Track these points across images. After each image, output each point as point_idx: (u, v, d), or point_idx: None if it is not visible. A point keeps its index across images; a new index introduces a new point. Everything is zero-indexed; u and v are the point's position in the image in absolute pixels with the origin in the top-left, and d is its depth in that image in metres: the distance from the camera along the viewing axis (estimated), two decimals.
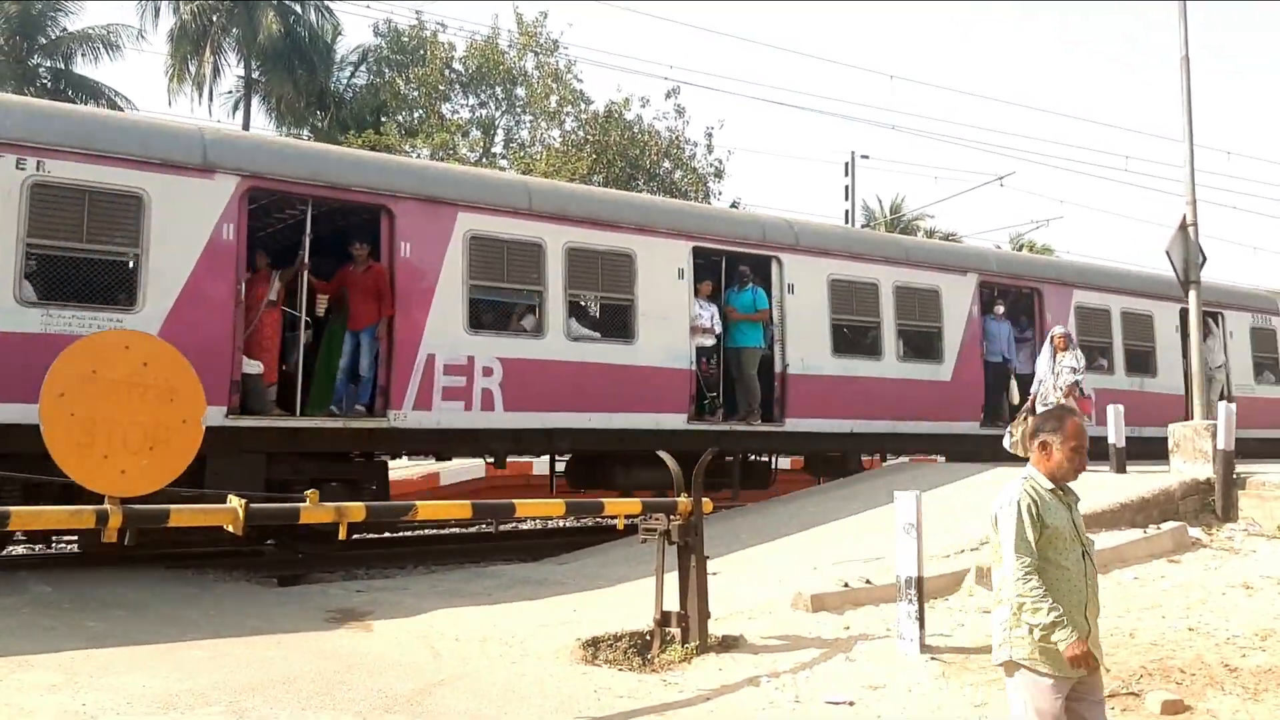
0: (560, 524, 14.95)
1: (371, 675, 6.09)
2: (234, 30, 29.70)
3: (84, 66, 29.57)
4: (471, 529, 14.93)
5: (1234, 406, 10.84)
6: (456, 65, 26.96)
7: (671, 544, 6.55)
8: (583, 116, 26.17)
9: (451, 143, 25.52)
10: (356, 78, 31.50)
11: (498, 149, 27.36)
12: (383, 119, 26.81)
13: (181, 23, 29.56)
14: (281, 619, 7.66)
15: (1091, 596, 3.83)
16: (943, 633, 6.67)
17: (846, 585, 7.68)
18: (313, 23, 30.88)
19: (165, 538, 9.15)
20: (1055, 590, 3.72)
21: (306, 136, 28.80)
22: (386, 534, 14.11)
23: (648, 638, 6.62)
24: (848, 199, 28.08)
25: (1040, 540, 3.77)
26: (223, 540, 8.34)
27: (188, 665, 6.16)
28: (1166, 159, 49.40)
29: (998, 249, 22.96)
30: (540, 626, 7.29)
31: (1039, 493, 3.85)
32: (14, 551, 11.07)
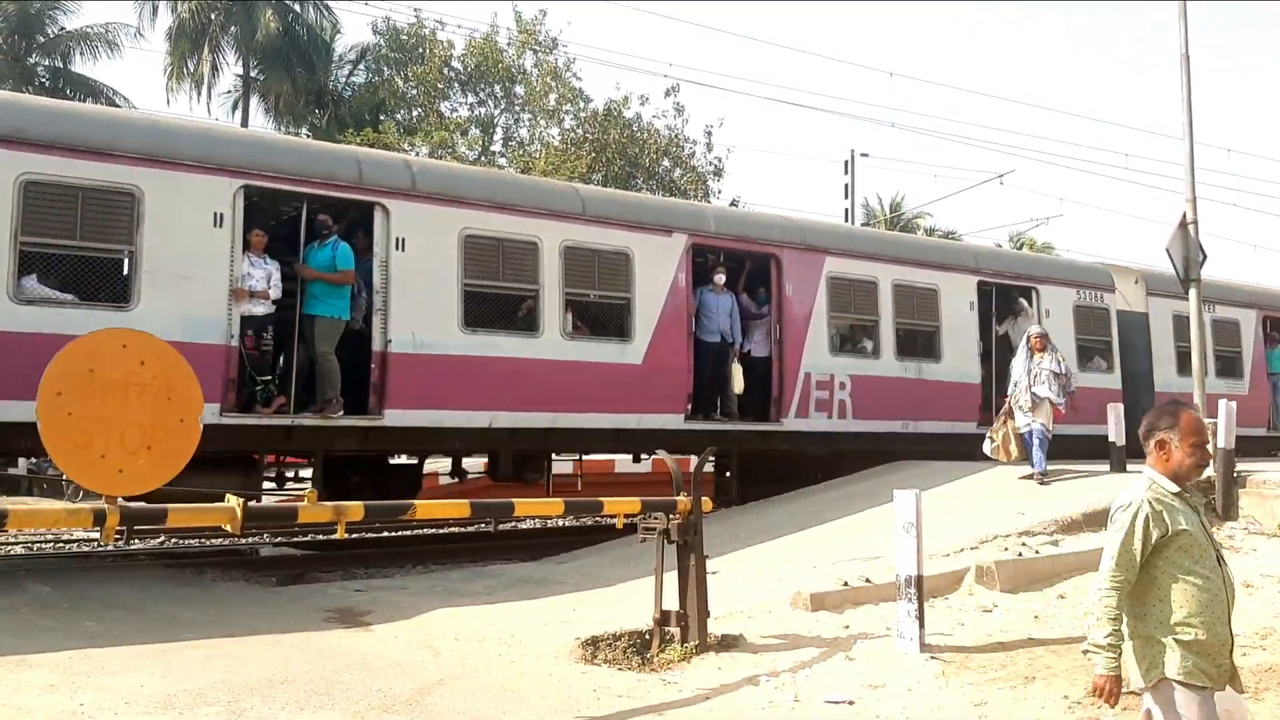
0: (560, 523, 14.96)
1: (370, 675, 6.07)
2: (232, 28, 29.69)
3: (82, 65, 29.61)
4: (470, 528, 14.92)
5: (1233, 405, 10.78)
6: (455, 63, 26.94)
7: (671, 543, 6.54)
8: (582, 115, 26.16)
9: (450, 141, 25.51)
10: (355, 76, 31.50)
11: (496, 147, 27.36)
12: (381, 117, 26.79)
13: (180, 21, 29.54)
14: (280, 619, 7.64)
15: (1232, 604, 3.51)
16: (942, 632, 6.65)
17: (846, 584, 7.66)
18: (311, 21, 30.88)
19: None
20: (1196, 604, 3.39)
21: (305, 135, 28.79)
22: (385, 534, 14.12)
23: (647, 637, 6.61)
24: (847, 197, 28.07)
25: (1172, 550, 3.44)
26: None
27: (186, 665, 6.14)
28: (1166, 157, 49.60)
29: (719, 207, 18.82)
30: (539, 626, 7.28)
31: (1163, 500, 3.50)
32: (13, 551, 11.06)
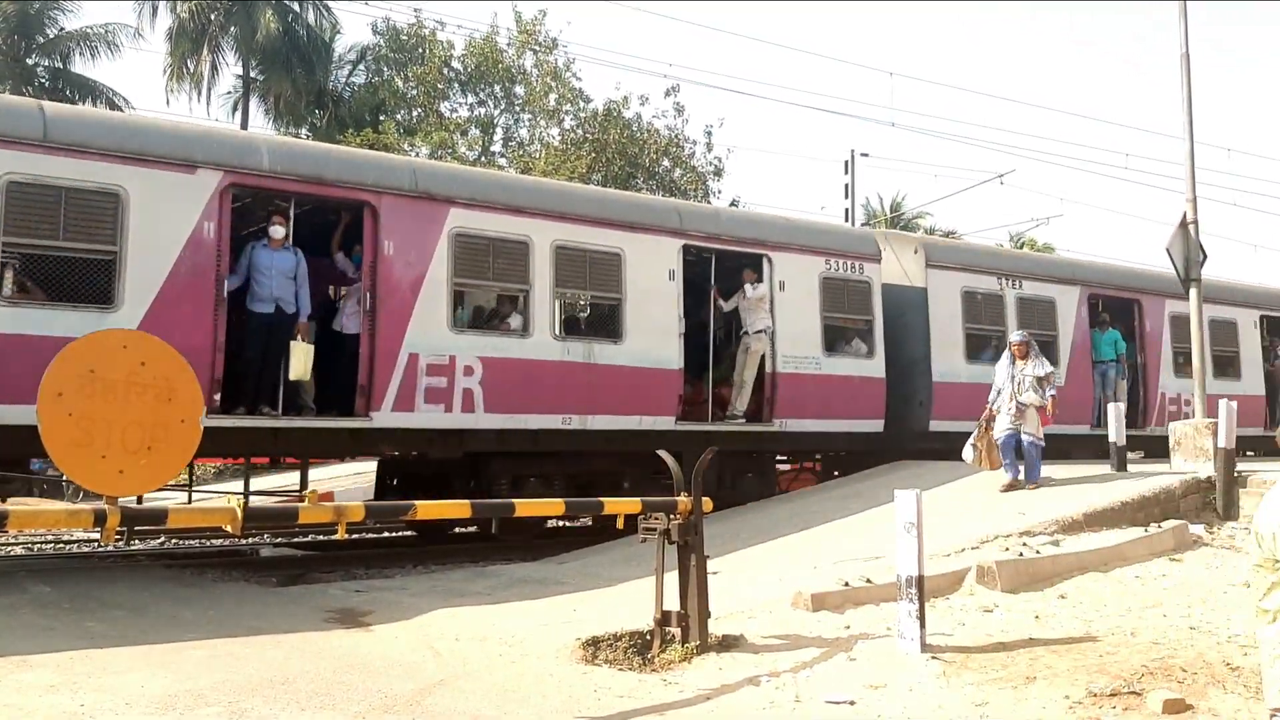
0: (560, 523, 14.95)
1: (371, 675, 6.07)
2: (232, 29, 29.69)
3: (82, 66, 29.62)
4: (471, 528, 14.90)
5: (1233, 406, 10.79)
6: (455, 64, 26.94)
7: (671, 543, 6.53)
8: (582, 115, 26.15)
9: (450, 141, 25.50)
10: (355, 76, 31.51)
11: (496, 148, 27.36)
12: (381, 118, 26.79)
13: (179, 22, 29.54)
14: (280, 619, 7.64)
15: None
16: (944, 632, 6.65)
17: (847, 584, 7.66)
18: (311, 21, 30.88)
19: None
20: None
21: (305, 136, 28.78)
22: (385, 534, 14.12)
23: (648, 637, 6.61)
24: (847, 197, 28.08)
25: None
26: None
27: (187, 665, 6.14)
28: (1167, 156, 49.59)
29: (274, 137, 12.73)
30: (540, 626, 7.27)
31: None
32: (13, 551, 11.06)
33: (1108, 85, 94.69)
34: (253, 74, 30.29)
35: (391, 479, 12.78)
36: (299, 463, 13.77)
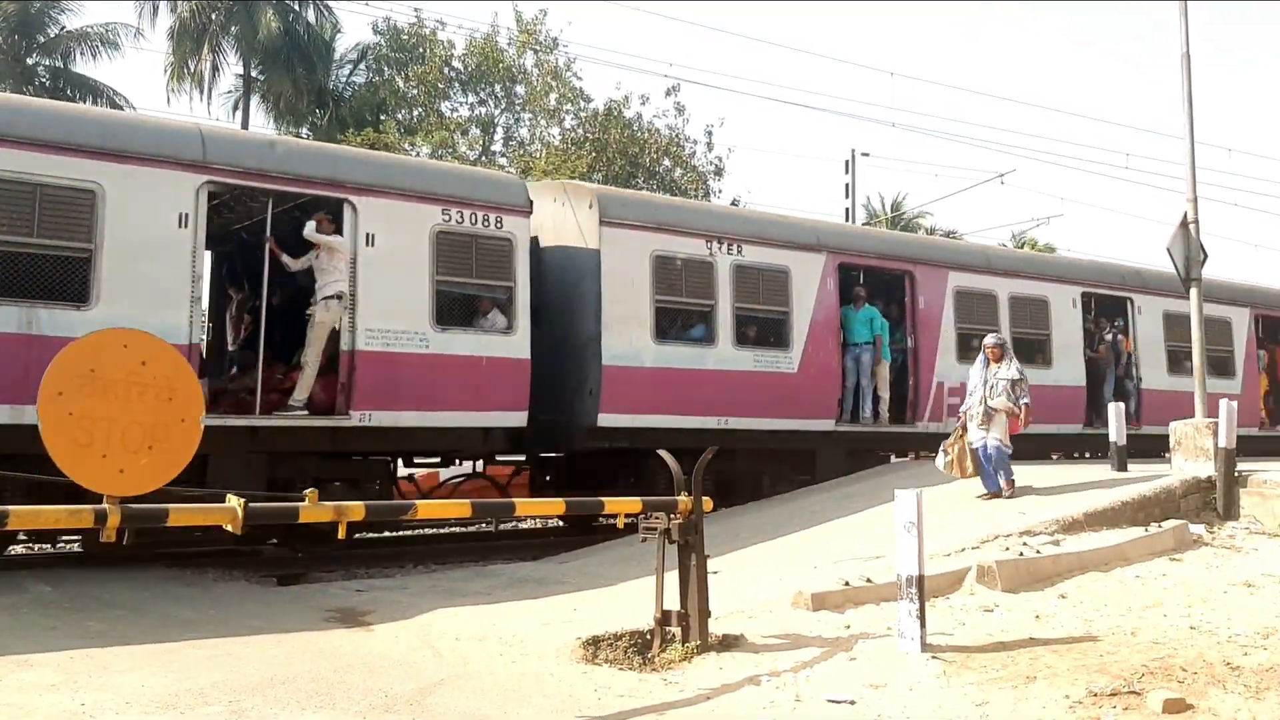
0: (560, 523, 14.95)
1: (371, 675, 6.07)
2: (233, 28, 29.68)
3: (82, 65, 29.60)
4: (471, 528, 14.92)
5: (1234, 405, 10.78)
6: (456, 63, 26.96)
7: (672, 543, 6.53)
8: (582, 114, 26.17)
9: (451, 141, 25.51)
10: (356, 76, 31.49)
11: (497, 147, 27.38)
12: (382, 117, 26.80)
13: (180, 21, 29.54)
14: (281, 619, 7.64)
15: None
16: (944, 631, 6.65)
17: (847, 584, 7.66)
18: (311, 21, 30.87)
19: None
20: None
21: (306, 135, 28.79)
22: (386, 533, 14.11)
23: (648, 636, 6.61)
24: (848, 197, 28.08)
25: None
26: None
27: (187, 665, 6.15)
28: (1167, 156, 49.54)
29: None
30: (540, 625, 7.28)
31: None
32: (14, 551, 11.06)
33: (1108, 85, 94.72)
34: (253, 73, 30.28)
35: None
36: None
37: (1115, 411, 12.15)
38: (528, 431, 11.20)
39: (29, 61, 29.01)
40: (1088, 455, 16.21)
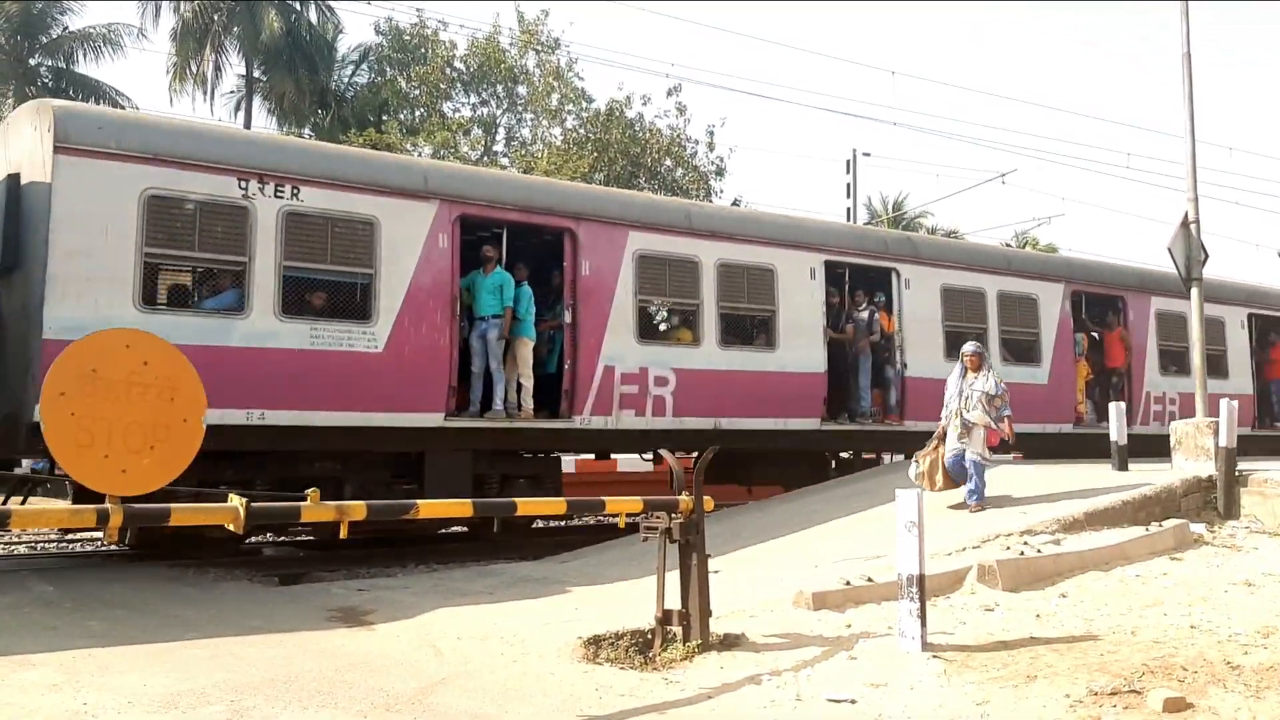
0: (560, 523, 14.97)
1: (373, 674, 6.08)
2: (235, 29, 29.71)
3: (85, 66, 29.64)
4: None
5: (1235, 405, 10.77)
6: (458, 64, 26.97)
7: (673, 542, 6.54)
8: (584, 115, 26.19)
9: (453, 141, 25.53)
10: (358, 76, 31.54)
11: (499, 147, 27.40)
12: (384, 118, 26.83)
13: (183, 22, 29.57)
14: (282, 618, 7.66)
15: None
16: (945, 630, 6.65)
17: (848, 583, 7.67)
18: (314, 21, 30.91)
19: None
20: None
21: (308, 135, 28.82)
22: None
23: (649, 636, 6.61)
24: (849, 196, 28.07)
25: None
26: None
27: (189, 665, 6.16)
28: (1169, 156, 49.48)
29: None
30: (542, 625, 7.29)
31: None
32: (17, 550, 11.09)
33: (1110, 85, 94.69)
34: (256, 74, 30.32)
35: None
36: None
37: (1115, 411, 12.15)
38: None
39: (31, 62, 29.05)
40: (834, 464, 14.16)
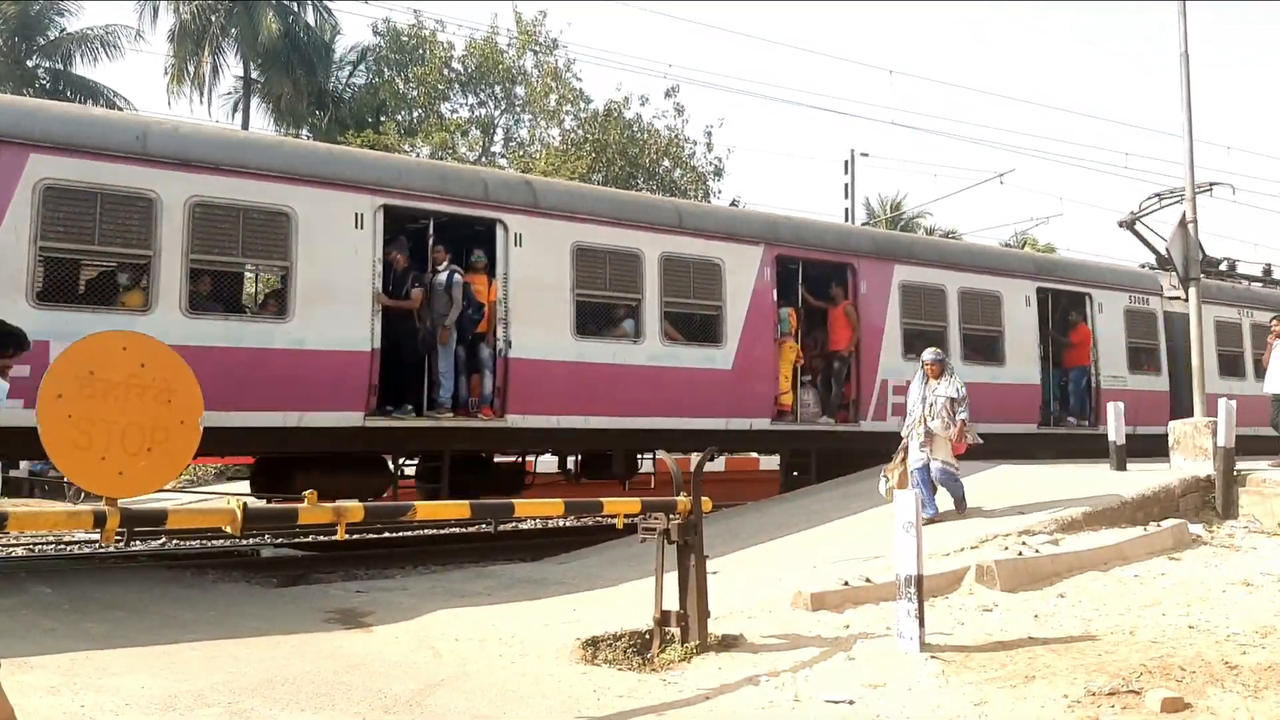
0: (560, 523, 14.96)
1: (371, 676, 6.08)
2: (233, 30, 29.70)
3: (83, 67, 29.63)
4: (471, 529, 14.93)
5: (1234, 404, 10.78)
6: (455, 64, 26.98)
7: (671, 543, 6.54)
8: (582, 115, 26.19)
9: (450, 142, 25.53)
10: (355, 77, 31.53)
11: (497, 148, 27.40)
12: (382, 118, 26.82)
13: (181, 23, 29.56)
14: (281, 620, 7.65)
15: None
16: (943, 631, 6.66)
17: (846, 584, 7.67)
18: (311, 22, 30.89)
19: None
20: None
21: (306, 136, 28.81)
22: (386, 533, 14.13)
23: (647, 637, 6.61)
24: (847, 196, 28.08)
25: None
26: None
27: (187, 666, 6.16)
28: (1167, 155, 49.64)
29: None
30: (540, 626, 7.28)
31: None
32: (14, 553, 11.08)
33: (1109, 84, 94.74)
34: (253, 75, 30.31)
35: None
36: None
37: (1115, 411, 12.16)
38: None
39: (29, 64, 29.04)
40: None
